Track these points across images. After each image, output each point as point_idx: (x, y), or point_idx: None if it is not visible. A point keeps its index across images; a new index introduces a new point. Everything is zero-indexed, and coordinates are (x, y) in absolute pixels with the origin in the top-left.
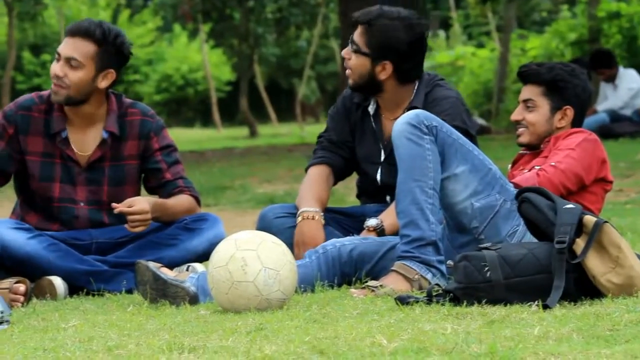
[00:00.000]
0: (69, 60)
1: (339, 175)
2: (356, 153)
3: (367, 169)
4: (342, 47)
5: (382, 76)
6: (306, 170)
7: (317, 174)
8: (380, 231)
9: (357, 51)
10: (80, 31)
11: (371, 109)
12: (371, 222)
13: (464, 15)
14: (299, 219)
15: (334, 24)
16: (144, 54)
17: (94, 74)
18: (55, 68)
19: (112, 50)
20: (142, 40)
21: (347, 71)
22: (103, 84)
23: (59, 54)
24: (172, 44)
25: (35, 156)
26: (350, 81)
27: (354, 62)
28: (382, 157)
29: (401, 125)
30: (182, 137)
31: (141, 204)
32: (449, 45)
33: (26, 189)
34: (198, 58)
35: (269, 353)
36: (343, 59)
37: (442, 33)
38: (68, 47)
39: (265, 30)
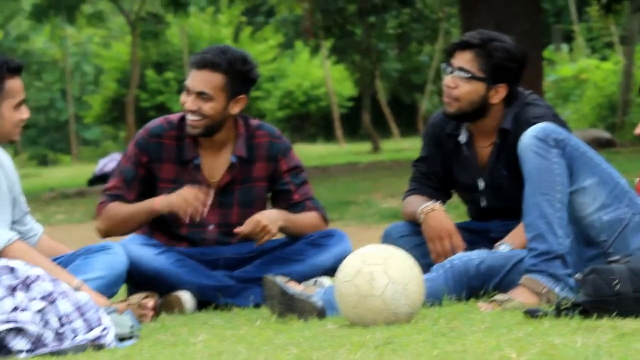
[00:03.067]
0: (199, 94)
1: None
2: (456, 181)
3: (471, 196)
4: None
5: (495, 100)
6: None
7: (413, 197)
8: None
9: (472, 77)
10: (206, 63)
11: (462, 138)
12: (502, 248)
13: (587, 28)
14: (422, 217)
15: (455, 38)
16: (266, 70)
17: (225, 103)
18: (188, 103)
19: (240, 78)
20: (264, 57)
21: (448, 99)
22: (235, 110)
23: (187, 88)
24: (294, 60)
25: (168, 183)
26: (453, 109)
27: (466, 90)
28: (482, 186)
29: (528, 138)
30: (305, 152)
31: (255, 217)
32: (572, 58)
33: None
34: (320, 74)
35: None
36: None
37: (564, 46)
38: (196, 81)
39: (386, 46)
